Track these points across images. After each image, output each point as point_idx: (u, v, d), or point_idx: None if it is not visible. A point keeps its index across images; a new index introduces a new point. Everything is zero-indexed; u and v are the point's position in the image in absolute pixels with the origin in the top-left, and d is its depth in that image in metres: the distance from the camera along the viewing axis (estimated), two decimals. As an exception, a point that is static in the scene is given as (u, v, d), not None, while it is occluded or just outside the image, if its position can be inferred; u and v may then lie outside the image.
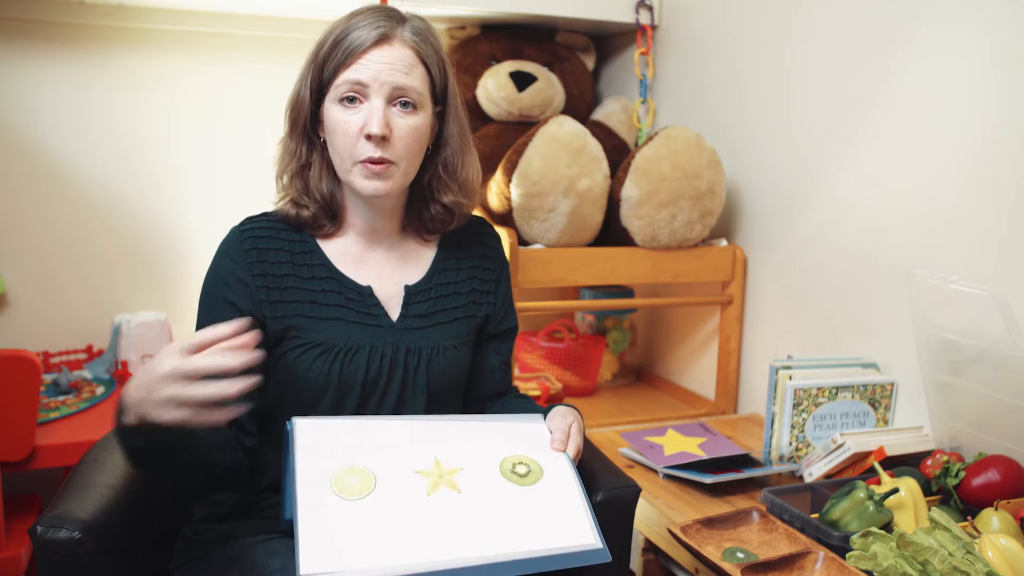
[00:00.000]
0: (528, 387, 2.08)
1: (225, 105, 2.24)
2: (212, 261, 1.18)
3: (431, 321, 1.24)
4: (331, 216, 1.21)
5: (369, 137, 1.11)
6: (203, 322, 1.16)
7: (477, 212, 1.93)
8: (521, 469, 1.10)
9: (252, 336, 0.93)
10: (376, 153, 1.11)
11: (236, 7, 2.12)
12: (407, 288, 1.23)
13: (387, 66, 1.11)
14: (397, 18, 1.15)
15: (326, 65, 1.13)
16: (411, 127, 1.14)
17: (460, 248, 1.30)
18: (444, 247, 1.29)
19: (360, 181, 1.14)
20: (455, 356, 1.25)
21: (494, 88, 2.17)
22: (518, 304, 1.84)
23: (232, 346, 0.91)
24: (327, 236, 1.22)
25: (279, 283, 1.16)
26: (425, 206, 1.25)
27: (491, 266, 1.32)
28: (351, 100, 1.12)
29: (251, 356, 0.91)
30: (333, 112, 1.13)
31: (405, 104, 1.13)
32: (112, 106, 2.13)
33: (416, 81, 1.14)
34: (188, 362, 0.89)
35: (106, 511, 1.07)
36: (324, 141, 1.18)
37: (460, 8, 2.11)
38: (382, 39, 1.12)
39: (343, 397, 1.17)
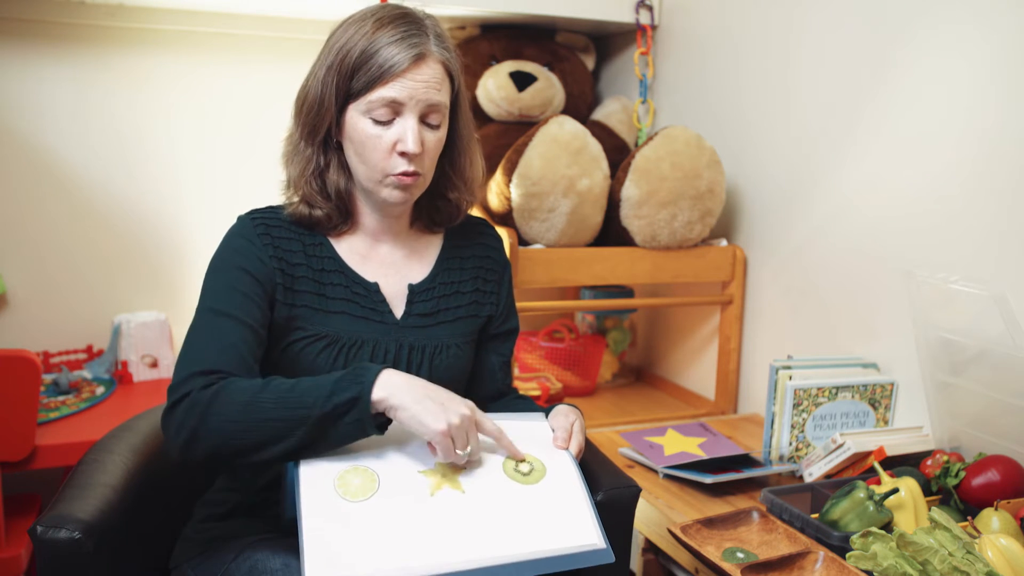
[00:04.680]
0: (528, 387, 2.08)
1: (225, 105, 2.23)
2: (222, 243, 1.17)
3: (434, 320, 1.24)
4: (344, 216, 1.22)
5: (403, 153, 1.12)
6: (218, 288, 1.12)
7: (477, 213, 1.93)
8: (524, 468, 1.10)
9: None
10: (410, 168, 1.13)
11: (236, 7, 2.12)
12: (411, 287, 1.24)
13: (423, 85, 1.12)
14: (421, 29, 1.14)
15: (355, 76, 1.11)
16: (437, 140, 1.17)
17: (463, 248, 1.31)
18: (448, 246, 1.30)
19: (389, 192, 1.16)
20: (457, 355, 1.25)
21: (494, 88, 2.17)
22: (518, 304, 1.84)
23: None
24: (337, 234, 1.22)
25: (293, 271, 1.17)
26: (431, 202, 1.27)
27: (494, 267, 1.33)
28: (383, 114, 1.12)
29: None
30: (362, 125, 1.13)
31: (433, 118, 1.15)
32: (112, 106, 2.13)
33: (445, 96, 1.16)
34: (483, 416, 1.09)
35: (106, 511, 1.07)
36: (337, 142, 1.18)
37: (460, 8, 2.11)
38: (418, 59, 1.11)
39: None
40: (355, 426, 1.02)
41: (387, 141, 1.12)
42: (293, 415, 1.00)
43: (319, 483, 1.00)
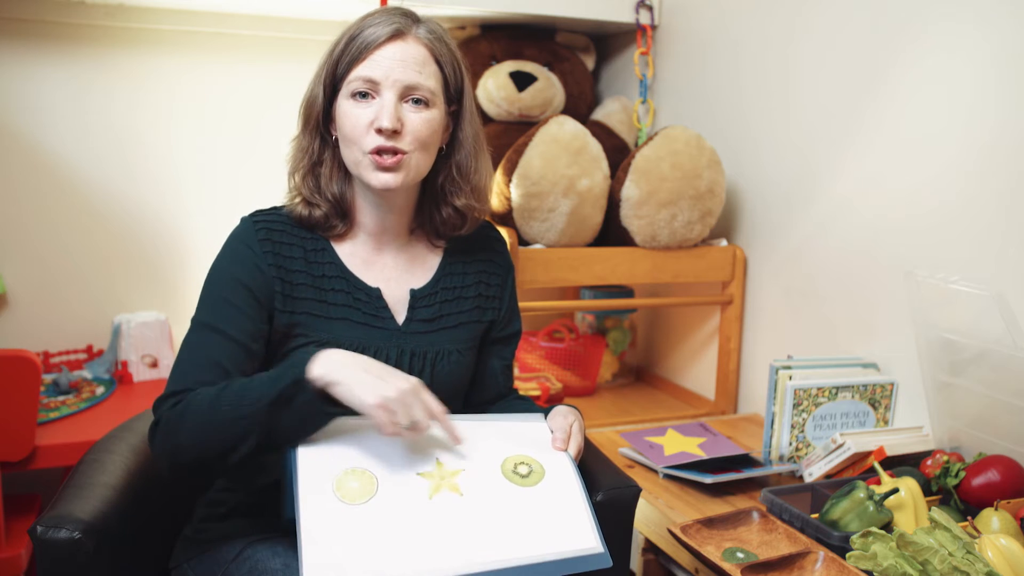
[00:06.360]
0: (528, 387, 2.08)
1: (225, 105, 2.23)
2: (223, 247, 1.17)
3: (436, 326, 1.24)
4: (342, 216, 1.21)
5: (380, 131, 1.11)
6: (212, 300, 1.14)
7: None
8: (523, 469, 1.10)
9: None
10: (387, 143, 1.11)
11: (236, 7, 2.12)
12: (412, 292, 1.23)
13: (400, 63, 1.12)
14: (412, 18, 1.16)
15: (340, 62, 1.14)
16: (423, 119, 1.14)
17: (467, 252, 1.30)
18: (451, 251, 1.29)
19: (370, 174, 1.13)
20: (459, 361, 1.25)
21: (494, 88, 2.17)
22: (519, 304, 1.84)
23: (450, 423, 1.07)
24: (338, 237, 1.22)
25: (292, 277, 1.16)
26: (437, 208, 1.25)
27: (497, 271, 1.32)
28: (363, 95, 1.12)
29: (450, 432, 1.07)
30: (344, 106, 1.14)
31: (417, 101, 1.13)
32: (112, 106, 2.13)
33: (428, 79, 1.14)
34: (429, 395, 1.04)
35: (106, 511, 1.07)
36: (336, 139, 1.18)
37: (460, 8, 2.11)
38: (396, 35, 1.12)
39: None
40: (305, 408, 1.00)
41: (365, 119, 1.12)
42: (247, 411, 1.01)
43: (318, 486, 1.00)
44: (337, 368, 1.00)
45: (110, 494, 1.10)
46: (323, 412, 1.02)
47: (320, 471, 1.02)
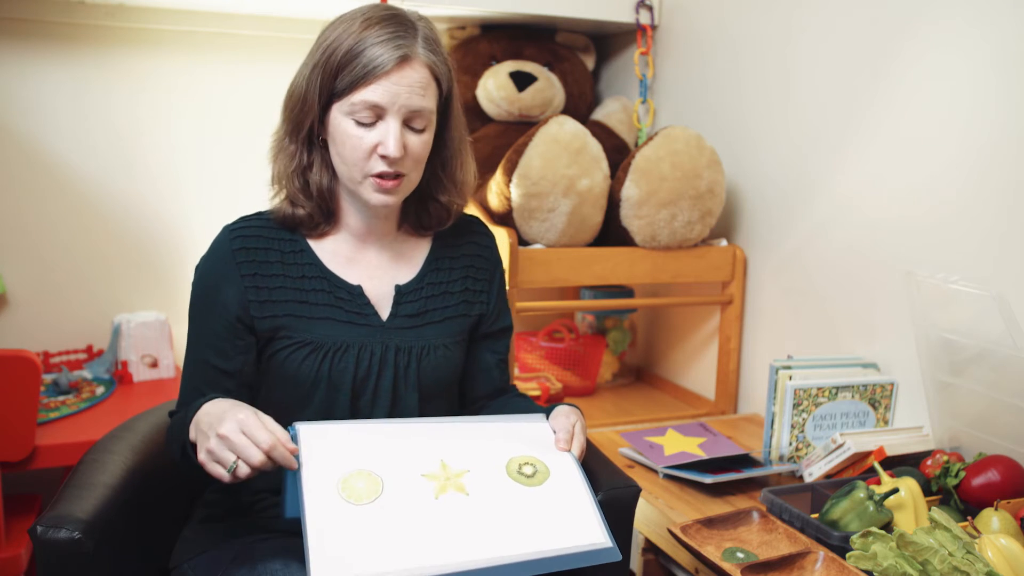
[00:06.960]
0: (528, 387, 2.08)
1: (225, 105, 2.23)
2: (202, 260, 1.19)
3: (422, 320, 1.24)
4: (326, 215, 1.21)
5: (384, 156, 1.12)
6: (197, 321, 1.18)
7: (477, 213, 1.93)
8: (528, 469, 1.10)
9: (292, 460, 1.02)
10: (390, 169, 1.12)
11: (236, 7, 2.12)
12: (398, 288, 1.24)
13: (406, 88, 1.11)
14: (411, 30, 1.13)
15: (340, 75, 1.11)
16: (423, 142, 1.15)
17: (453, 247, 1.30)
18: (437, 246, 1.29)
19: (370, 194, 1.15)
20: (446, 355, 1.25)
21: (494, 88, 2.17)
22: (518, 304, 1.84)
23: (284, 450, 1.00)
24: (320, 236, 1.22)
25: (268, 283, 1.17)
26: (421, 204, 1.26)
27: (484, 265, 1.32)
28: (365, 116, 1.12)
29: (282, 462, 1.00)
30: (344, 125, 1.12)
31: (417, 122, 1.14)
32: (112, 106, 2.13)
33: (429, 101, 1.14)
34: (259, 424, 0.99)
35: (106, 511, 1.07)
36: (322, 140, 1.18)
37: (460, 8, 2.11)
38: (402, 60, 1.11)
39: (333, 396, 1.18)
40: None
41: (368, 143, 1.12)
42: (179, 459, 1.12)
43: (323, 487, 1.00)
44: (195, 432, 1.05)
45: (110, 494, 1.10)
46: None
47: (325, 474, 1.02)
